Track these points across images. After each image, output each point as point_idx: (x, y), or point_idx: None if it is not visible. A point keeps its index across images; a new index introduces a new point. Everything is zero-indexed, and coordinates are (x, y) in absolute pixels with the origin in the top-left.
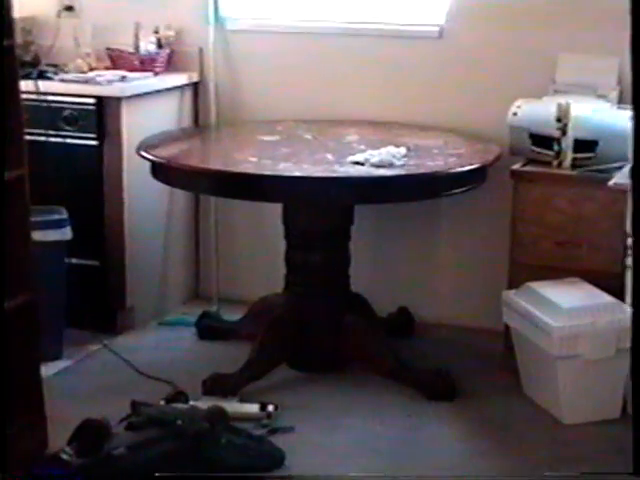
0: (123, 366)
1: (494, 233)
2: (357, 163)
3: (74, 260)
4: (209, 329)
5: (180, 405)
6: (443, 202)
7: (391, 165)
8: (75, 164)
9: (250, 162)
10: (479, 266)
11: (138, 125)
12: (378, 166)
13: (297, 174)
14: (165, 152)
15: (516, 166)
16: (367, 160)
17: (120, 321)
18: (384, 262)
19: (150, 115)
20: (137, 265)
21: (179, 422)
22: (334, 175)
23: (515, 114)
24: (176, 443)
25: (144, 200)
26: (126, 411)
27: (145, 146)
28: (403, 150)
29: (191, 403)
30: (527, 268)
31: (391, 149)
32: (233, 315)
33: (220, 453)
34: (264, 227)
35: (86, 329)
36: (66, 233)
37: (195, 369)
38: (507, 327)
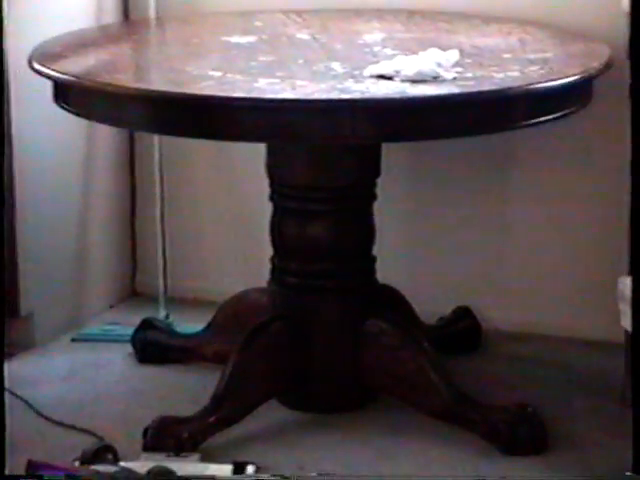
0: (18, 406)
1: (603, 188)
2: (382, 77)
3: None
4: (154, 347)
5: (105, 467)
6: (520, 138)
7: (436, 79)
8: None
9: (210, 78)
10: (579, 240)
11: (31, 20)
12: (415, 81)
13: (285, 96)
14: (75, 65)
15: None
16: (398, 72)
17: (12, 337)
18: (430, 236)
19: (50, 4)
20: (37, 249)
21: None
22: (346, 97)
23: None
24: None
25: (46, 143)
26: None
27: (42, 55)
28: (454, 55)
29: (122, 464)
30: None
31: (435, 54)
32: (191, 324)
33: None
34: (237, 183)
35: None
36: None
37: (133, 410)
38: (628, 336)
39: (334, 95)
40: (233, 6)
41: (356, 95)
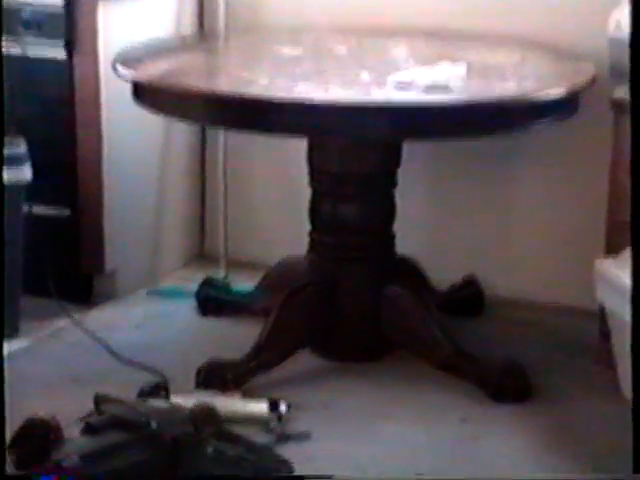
0: (97, 348)
1: (587, 182)
2: (401, 85)
3: (36, 208)
4: (213, 301)
5: (158, 402)
6: (519, 141)
7: (446, 88)
8: (37, 82)
9: (258, 83)
10: (568, 225)
11: (121, 31)
12: (428, 89)
13: (314, 100)
14: (151, 69)
15: (619, 93)
16: (414, 81)
17: (97, 289)
18: (442, 216)
19: (138, 17)
20: (120, 215)
21: (153, 424)
22: (370, 100)
23: (618, 23)
24: (146, 452)
25: (130, 130)
26: (91, 408)
27: (125, 59)
28: (462, 68)
29: (173, 399)
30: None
31: (446, 67)
32: (244, 283)
33: (204, 466)
34: (286, 169)
35: (51, 298)
36: (25, 172)
37: (192, 354)
38: (603, 307)
39: (360, 99)
40: (289, 23)
41: (379, 99)
